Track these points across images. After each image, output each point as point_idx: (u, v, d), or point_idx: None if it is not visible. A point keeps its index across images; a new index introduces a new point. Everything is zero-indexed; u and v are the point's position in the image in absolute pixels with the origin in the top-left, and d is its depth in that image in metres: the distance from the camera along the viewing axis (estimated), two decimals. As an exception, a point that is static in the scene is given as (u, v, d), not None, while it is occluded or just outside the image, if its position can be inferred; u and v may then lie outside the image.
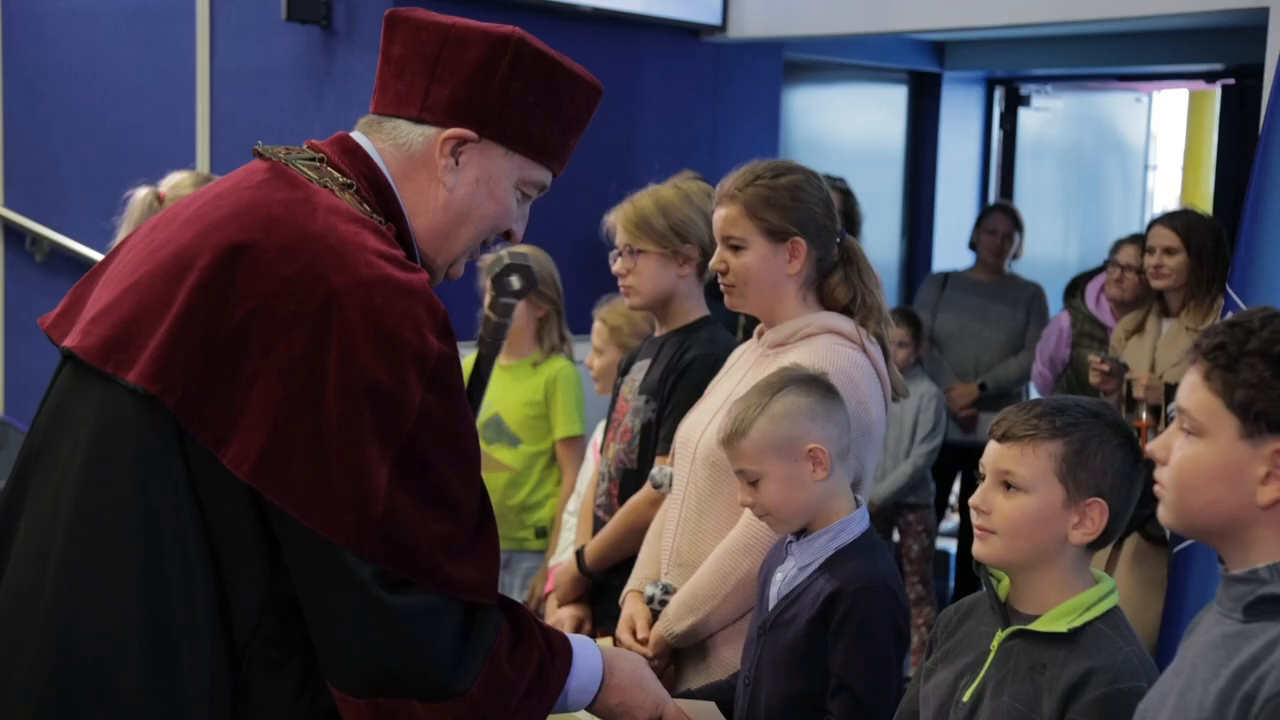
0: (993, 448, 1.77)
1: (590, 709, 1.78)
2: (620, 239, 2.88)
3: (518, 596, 3.66)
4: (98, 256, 4.83)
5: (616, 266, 2.89)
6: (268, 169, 1.64)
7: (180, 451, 1.51)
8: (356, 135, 1.70)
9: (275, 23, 4.43)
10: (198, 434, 1.49)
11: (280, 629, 1.55)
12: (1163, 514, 1.46)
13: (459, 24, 1.66)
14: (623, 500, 2.88)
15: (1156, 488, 1.47)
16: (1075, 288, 4.74)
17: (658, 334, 2.96)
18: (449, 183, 1.66)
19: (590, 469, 3.34)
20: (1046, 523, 1.72)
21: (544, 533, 3.67)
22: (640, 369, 2.94)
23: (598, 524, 2.95)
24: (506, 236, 1.75)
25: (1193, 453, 1.41)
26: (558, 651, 1.69)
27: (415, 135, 1.66)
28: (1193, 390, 1.42)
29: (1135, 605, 3.77)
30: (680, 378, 2.79)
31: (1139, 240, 4.46)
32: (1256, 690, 1.31)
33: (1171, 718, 1.41)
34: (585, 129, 1.77)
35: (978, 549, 1.78)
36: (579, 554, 2.95)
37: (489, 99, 1.65)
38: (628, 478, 2.89)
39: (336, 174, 1.64)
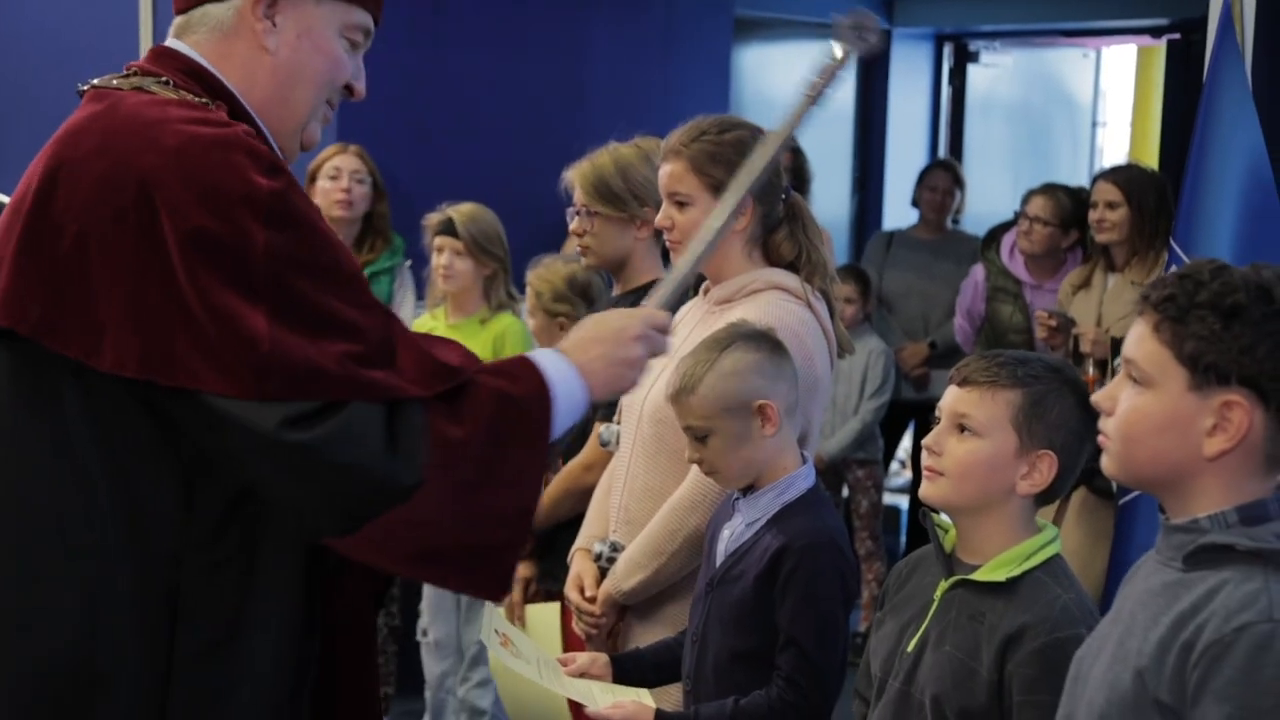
0: (952, 391, 1.79)
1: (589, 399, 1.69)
2: (578, 198, 2.85)
3: None
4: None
5: (574, 225, 2.87)
6: (83, 100, 1.65)
7: (50, 386, 1.51)
8: (168, 41, 1.69)
9: None
10: (65, 350, 1.48)
11: (214, 533, 1.53)
12: (1106, 464, 1.47)
13: None
14: (567, 460, 2.88)
15: (1101, 438, 1.48)
16: (991, 240, 4.74)
17: (614, 294, 2.95)
18: (270, 45, 1.64)
19: None
20: (996, 469, 1.74)
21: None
22: None
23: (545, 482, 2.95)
24: (349, 93, 1.72)
25: (1140, 403, 1.42)
26: (519, 377, 1.62)
27: (224, 12, 1.65)
28: (1141, 341, 1.42)
29: (1083, 558, 3.81)
30: None
31: (1049, 191, 4.48)
32: (1196, 638, 1.33)
33: (1110, 664, 1.43)
34: None
35: (925, 489, 1.80)
36: None
37: None
38: (573, 438, 2.88)
39: (149, 78, 1.63)
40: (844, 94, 6.65)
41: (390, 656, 3.99)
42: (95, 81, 1.66)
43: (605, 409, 2.74)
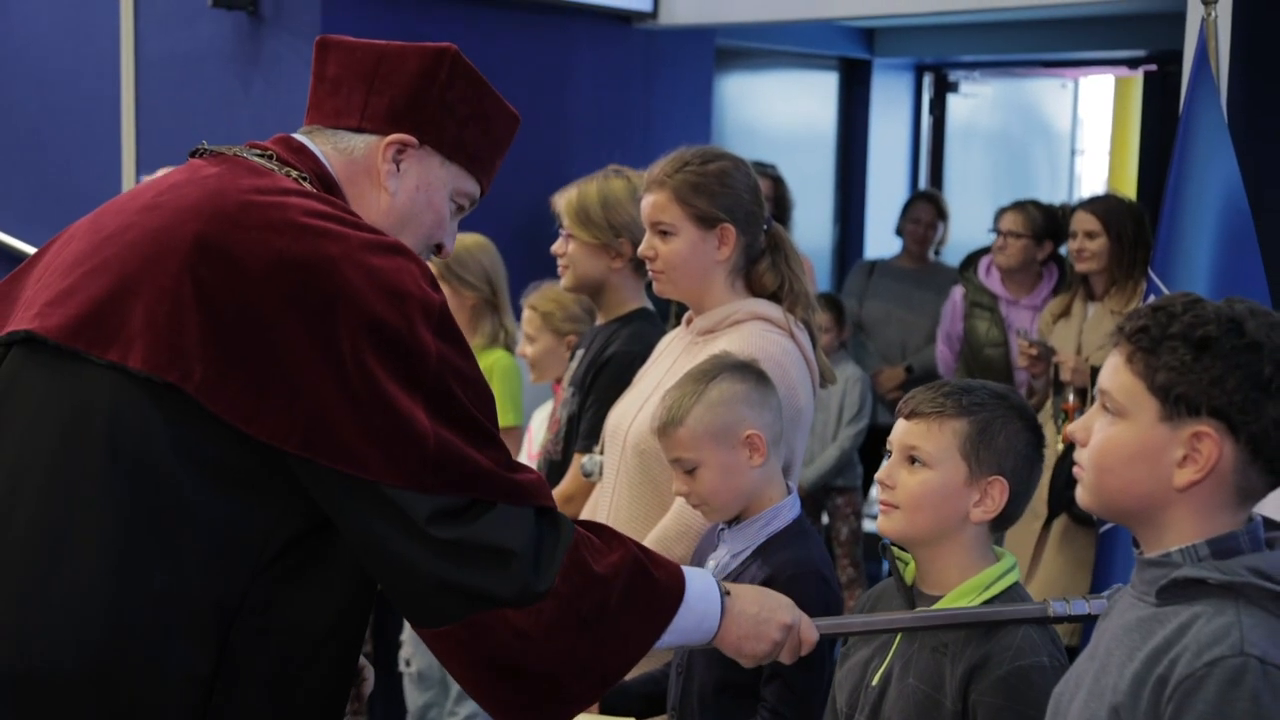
0: (900, 425, 1.80)
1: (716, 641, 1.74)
2: (560, 220, 2.91)
3: None
4: (20, 244, 4.74)
5: (555, 246, 2.91)
6: (221, 161, 1.66)
7: (170, 431, 1.50)
8: (299, 136, 1.72)
9: (201, 8, 4.36)
10: (224, 414, 1.49)
11: (266, 595, 1.54)
12: (1080, 494, 1.48)
13: (393, 44, 1.72)
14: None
15: (1075, 469, 1.49)
16: (969, 262, 4.80)
17: (598, 323, 2.97)
18: (391, 188, 1.69)
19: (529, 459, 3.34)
20: (948, 498, 1.75)
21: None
22: (578, 359, 2.95)
23: None
24: (438, 251, 1.78)
25: (1113, 434, 1.42)
26: (658, 563, 1.66)
27: (357, 142, 1.70)
28: (1115, 372, 1.43)
29: (1064, 585, 3.83)
30: (599, 374, 2.80)
31: (1019, 206, 4.54)
32: (1169, 673, 1.33)
33: (1087, 701, 1.43)
34: (504, 156, 1.82)
35: (881, 524, 1.81)
36: None
37: (428, 107, 1.70)
38: (553, 469, 2.89)
39: (289, 169, 1.66)
40: (826, 124, 6.70)
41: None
42: (228, 150, 1.68)
43: (586, 439, 2.75)
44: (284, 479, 1.52)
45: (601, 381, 2.77)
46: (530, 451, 3.39)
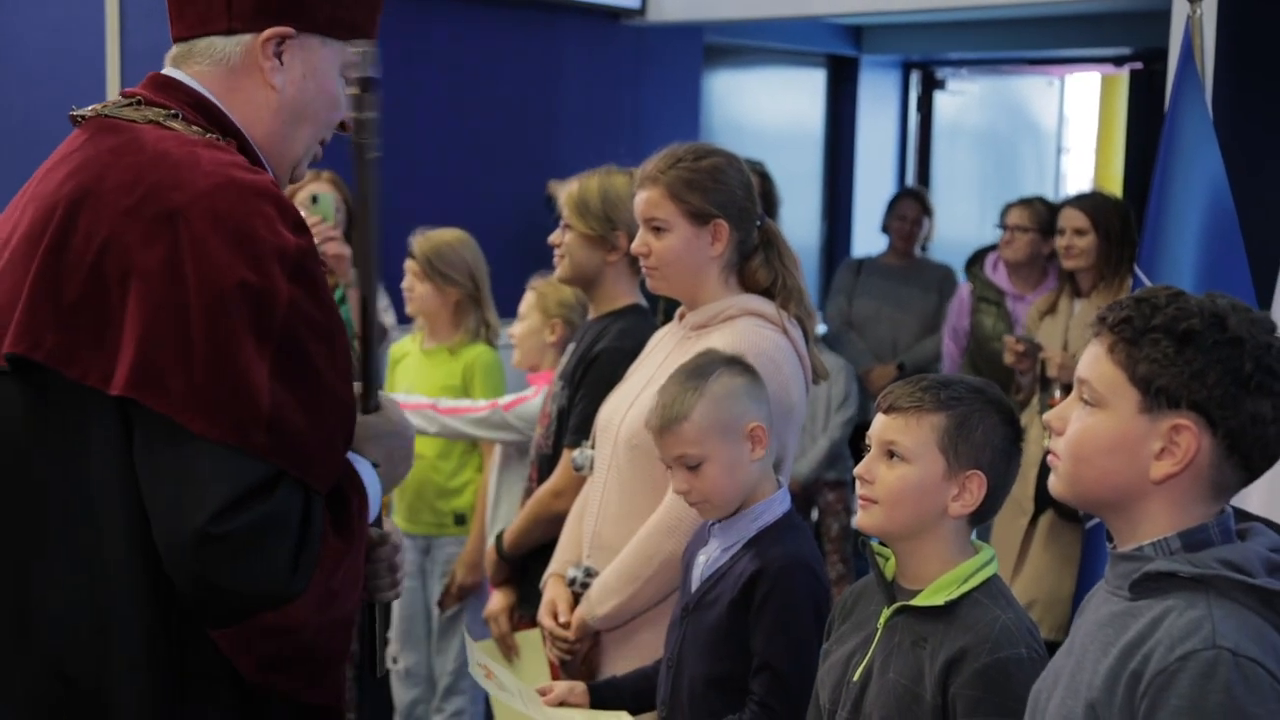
0: (879, 419, 1.81)
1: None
2: (559, 211, 2.91)
3: (438, 583, 3.65)
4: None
5: (553, 236, 2.90)
6: (88, 128, 1.64)
7: (67, 419, 1.50)
8: (167, 69, 1.69)
9: (188, 3, 4.35)
10: (83, 377, 1.47)
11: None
12: (1054, 483, 1.48)
13: None
14: (540, 485, 2.89)
15: (1050, 457, 1.49)
16: (976, 259, 4.84)
17: (590, 317, 2.97)
18: (278, 83, 1.65)
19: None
20: (927, 493, 1.76)
21: (463, 519, 3.66)
22: (569, 353, 2.96)
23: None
24: (342, 128, 1.74)
25: (1091, 423, 1.43)
26: (353, 480, 1.63)
27: (231, 46, 1.64)
28: (1096, 362, 1.43)
29: (1051, 581, 3.85)
30: (589, 368, 2.80)
31: (1026, 201, 4.57)
32: (1143, 667, 1.34)
33: (1064, 698, 1.43)
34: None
35: (860, 519, 1.82)
36: (498, 538, 2.96)
37: None
38: (544, 463, 2.89)
39: (158, 109, 1.63)
40: (813, 121, 6.71)
41: (351, 683, 3.97)
42: (96, 109, 1.65)
43: (576, 434, 2.75)
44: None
45: (591, 376, 2.78)
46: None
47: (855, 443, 5.05)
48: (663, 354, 2.45)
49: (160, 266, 1.47)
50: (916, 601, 1.76)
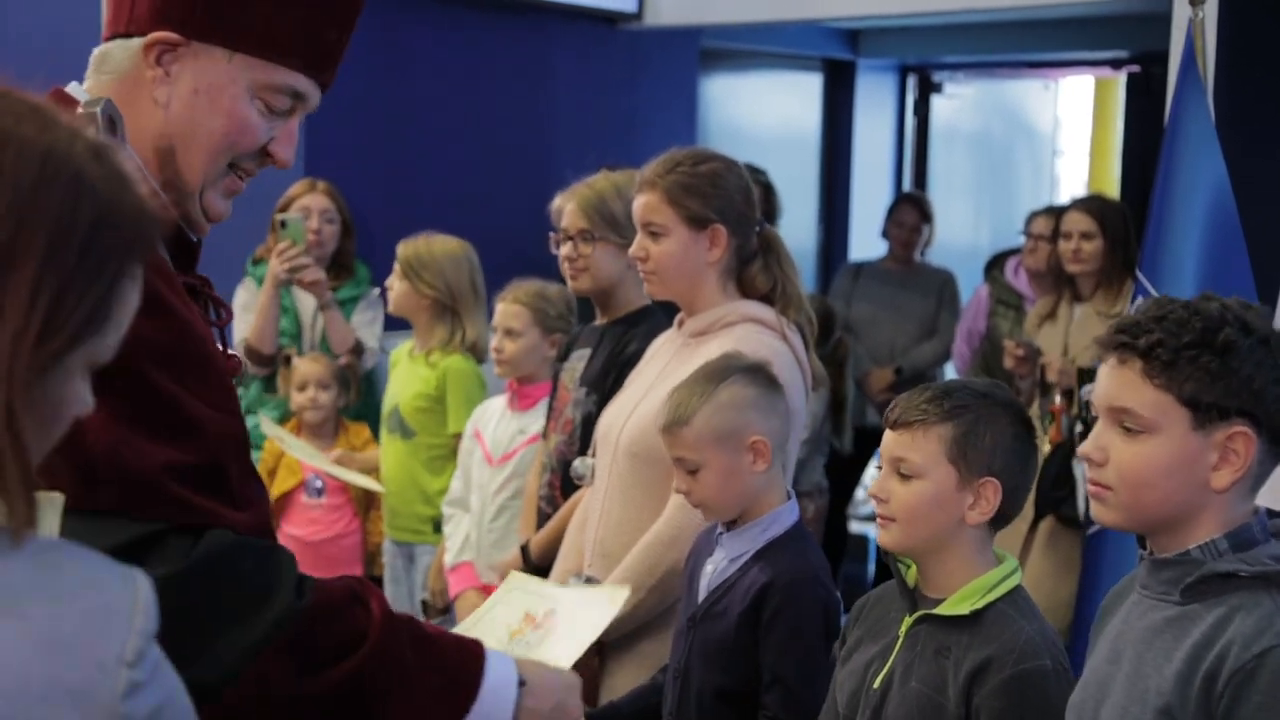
0: (888, 436, 1.79)
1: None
2: (573, 222, 2.79)
3: (419, 591, 3.61)
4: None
5: (565, 250, 2.81)
6: None
7: None
8: (71, 85, 1.49)
9: None
10: None
11: None
12: (1104, 514, 1.48)
13: None
14: (564, 492, 2.83)
15: (1094, 489, 1.48)
16: (996, 261, 4.85)
17: (598, 322, 2.91)
18: (161, 98, 1.43)
19: (473, 462, 3.33)
20: (942, 506, 1.74)
21: (441, 526, 3.64)
22: (580, 358, 2.87)
23: (541, 516, 2.89)
24: (270, 160, 1.49)
25: (1144, 450, 1.43)
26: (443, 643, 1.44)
27: (122, 54, 1.44)
28: (1133, 388, 1.43)
29: (1050, 587, 3.83)
30: (621, 372, 2.73)
31: (1051, 211, 4.56)
32: (1218, 668, 1.35)
33: (1126, 707, 1.43)
34: (352, 16, 1.51)
35: (881, 537, 1.81)
36: (524, 547, 2.90)
37: None
38: (566, 470, 2.85)
39: None
40: (810, 125, 6.70)
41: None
42: None
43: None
44: None
45: (623, 380, 2.73)
46: (486, 452, 3.35)
47: (860, 449, 5.03)
48: (662, 361, 2.43)
49: None
50: (940, 610, 1.74)
